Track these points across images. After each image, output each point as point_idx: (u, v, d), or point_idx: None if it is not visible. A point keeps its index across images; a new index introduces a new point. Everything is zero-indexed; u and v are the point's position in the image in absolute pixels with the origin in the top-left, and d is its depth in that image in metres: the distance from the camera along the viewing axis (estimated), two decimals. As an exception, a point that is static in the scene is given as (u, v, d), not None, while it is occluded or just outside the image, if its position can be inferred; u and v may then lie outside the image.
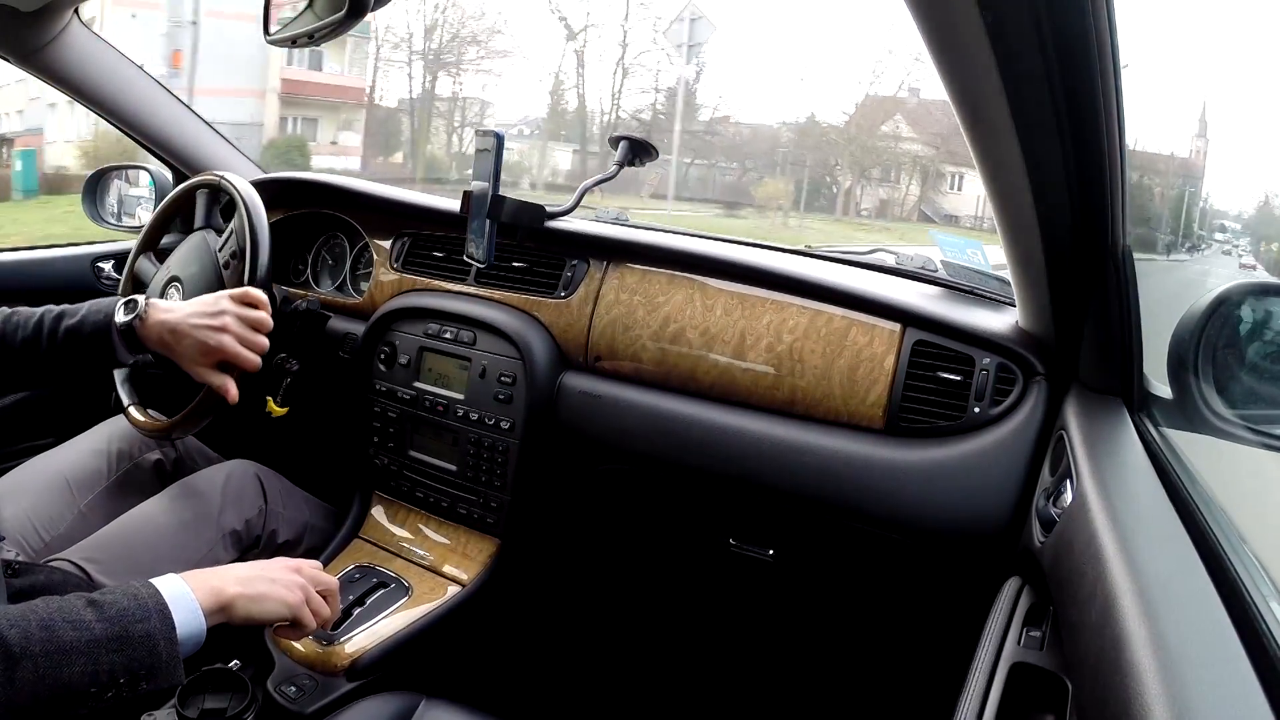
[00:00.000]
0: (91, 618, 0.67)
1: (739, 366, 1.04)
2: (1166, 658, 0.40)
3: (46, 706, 0.64)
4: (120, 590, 0.71)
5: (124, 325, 0.97)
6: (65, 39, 1.27)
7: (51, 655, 0.64)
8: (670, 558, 1.29)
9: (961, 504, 0.91)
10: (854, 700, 1.27)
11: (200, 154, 1.50)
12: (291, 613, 0.83)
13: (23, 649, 0.63)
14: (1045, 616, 0.64)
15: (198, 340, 0.95)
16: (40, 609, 0.66)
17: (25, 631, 0.64)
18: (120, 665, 0.67)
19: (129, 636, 0.68)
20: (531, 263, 1.20)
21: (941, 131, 14.52)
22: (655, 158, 1.24)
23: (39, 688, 0.63)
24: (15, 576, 0.90)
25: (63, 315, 0.98)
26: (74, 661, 0.65)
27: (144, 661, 0.69)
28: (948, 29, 0.51)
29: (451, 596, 1.13)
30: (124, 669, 0.67)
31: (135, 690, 0.69)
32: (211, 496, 1.09)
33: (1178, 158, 27.70)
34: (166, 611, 0.72)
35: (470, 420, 1.16)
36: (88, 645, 0.66)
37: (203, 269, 1.17)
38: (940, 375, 0.95)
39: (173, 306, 0.99)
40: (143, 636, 0.69)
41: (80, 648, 0.65)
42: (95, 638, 0.67)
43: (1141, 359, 0.79)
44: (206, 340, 0.95)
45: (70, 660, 0.65)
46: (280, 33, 0.86)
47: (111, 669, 0.67)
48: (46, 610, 0.66)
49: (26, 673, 0.63)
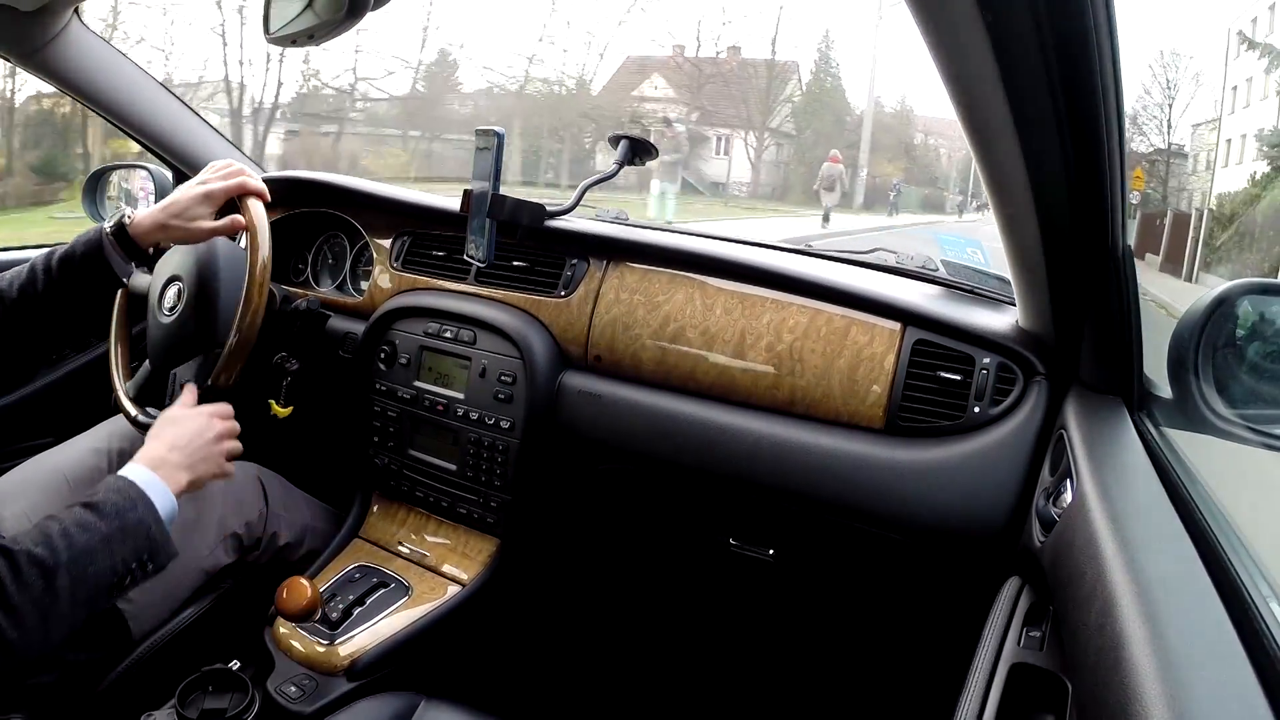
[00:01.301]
0: (94, 519, 0.76)
1: (739, 366, 1.04)
2: (1166, 658, 0.40)
3: (84, 606, 0.74)
4: (104, 488, 0.81)
5: (115, 228, 1.00)
6: (65, 38, 1.27)
7: (78, 560, 0.73)
8: (670, 557, 1.29)
9: (961, 504, 0.91)
10: (854, 700, 1.28)
11: (200, 153, 1.50)
12: (229, 466, 0.96)
13: (55, 560, 0.72)
14: (1045, 616, 0.64)
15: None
16: (51, 524, 0.74)
17: (51, 545, 0.72)
18: (130, 553, 0.78)
19: (127, 526, 0.78)
20: (532, 262, 1.20)
21: (706, 89, 13.82)
22: (655, 156, 1.24)
23: (76, 591, 0.72)
24: None
25: (53, 252, 1.01)
26: (96, 560, 0.75)
27: (145, 546, 0.79)
28: (948, 29, 0.51)
29: (451, 596, 1.13)
30: (133, 555, 0.78)
31: (145, 572, 0.80)
32: (212, 499, 1.09)
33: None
34: (147, 498, 0.82)
35: (470, 420, 1.16)
36: (102, 543, 0.75)
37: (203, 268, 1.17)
38: (940, 375, 0.95)
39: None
40: (137, 524, 0.79)
41: (97, 546, 0.75)
42: (105, 534, 0.76)
43: (1141, 358, 0.79)
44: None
45: (93, 559, 0.74)
46: (280, 32, 0.86)
47: (124, 558, 0.77)
48: (58, 524, 0.75)
49: (64, 580, 0.72)
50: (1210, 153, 15.62)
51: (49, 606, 0.71)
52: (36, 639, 0.71)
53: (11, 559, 0.70)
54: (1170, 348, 0.73)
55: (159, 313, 1.12)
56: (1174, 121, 17.67)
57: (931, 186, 25.30)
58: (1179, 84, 17.93)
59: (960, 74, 0.55)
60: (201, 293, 1.07)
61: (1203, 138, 16.50)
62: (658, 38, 21.31)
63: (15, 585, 0.69)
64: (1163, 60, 17.55)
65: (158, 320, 1.12)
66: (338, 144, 13.13)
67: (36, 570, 0.70)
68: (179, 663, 0.98)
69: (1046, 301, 0.83)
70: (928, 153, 26.58)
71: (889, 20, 18.93)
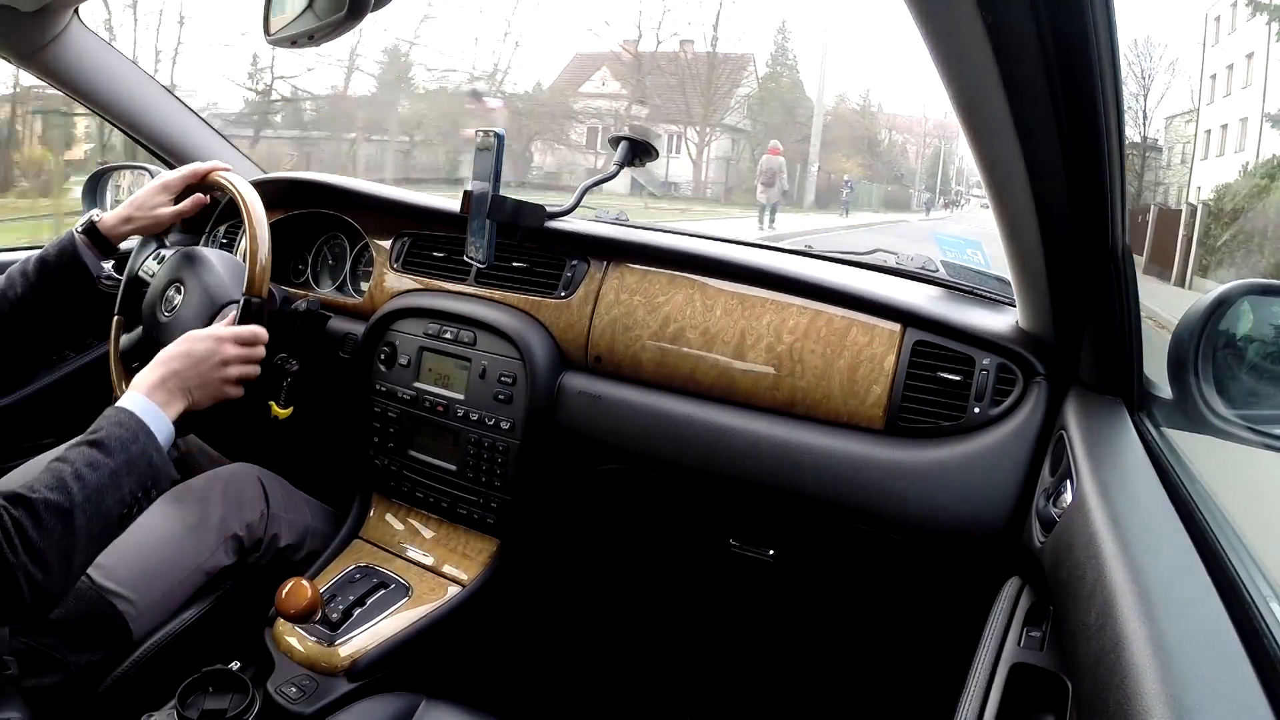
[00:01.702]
0: (102, 457, 0.80)
1: (739, 367, 1.04)
2: (1166, 658, 0.40)
3: (99, 540, 0.80)
4: (106, 422, 0.84)
5: (85, 226, 1.09)
6: (65, 39, 1.27)
7: (91, 499, 0.78)
8: (670, 558, 1.29)
9: (961, 504, 0.91)
10: (855, 700, 1.28)
11: (200, 154, 1.50)
12: (234, 389, 0.97)
13: (70, 503, 0.76)
14: (1045, 617, 0.64)
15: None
16: (62, 467, 0.79)
17: (65, 489, 0.77)
18: (136, 484, 0.82)
19: (132, 459, 0.82)
20: (531, 263, 1.20)
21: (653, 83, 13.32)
22: (655, 157, 1.24)
23: (92, 527, 0.78)
24: None
25: (29, 259, 1.08)
26: (107, 496, 0.79)
27: (149, 475, 0.84)
28: (947, 29, 0.51)
29: (451, 597, 1.13)
30: (139, 486, 0.83)
31: (149, 499, 0.85)
32: (213, 500, 1.09)
33: (931, 119, 27.37)
34: (147, 427, 0.85)
35: (470, 420, 1.16)
36: (111, 479, 0.80)
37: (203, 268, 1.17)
38: (940, 375, 0.95)
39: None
40: (140, 454, 0.83)
41: (106, 483, 0.80)
42: (114, 469, 0.80)
43: (1141, 359, 0.79)
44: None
45: (104, 496, 0.79)
46: (280, 33, 0.86)
47: (131, 490, 0.82)
48: (69, 466, 0.79)
49: (80, 520, 0.77)
50: (1187, 145, 15.40)
51: (70, 547, 0.76)
52: (61, 578, 0.76)
53: (31, 507, 0.75)
54: (1170, 348, 0.73)
55: (160, 312, 1.12)
56: (1150, 113, 17.54)
57: (896, 183, 25.00)
58: (1154, 74, 17.76)
59: (960, 75, 0.55)
60: (201, 293, 1.07)
61: (1179, 130, 16.31)
62: (603, 32, 20.66)
63: (38, 532, 0.74)
64: (1137, 49, 17.33)
65: (158, 320, 1.12)
66: (254, 147, 12.18)
67: (55, 515, 0.75)
68: (179, 663, 0.98)
69: (1046, 302, 0.83)
70: (892, 149, 26.24)
71: (847, 11, 18.28)
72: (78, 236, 1.09)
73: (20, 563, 0.73)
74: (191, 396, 0.92)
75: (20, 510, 0.74)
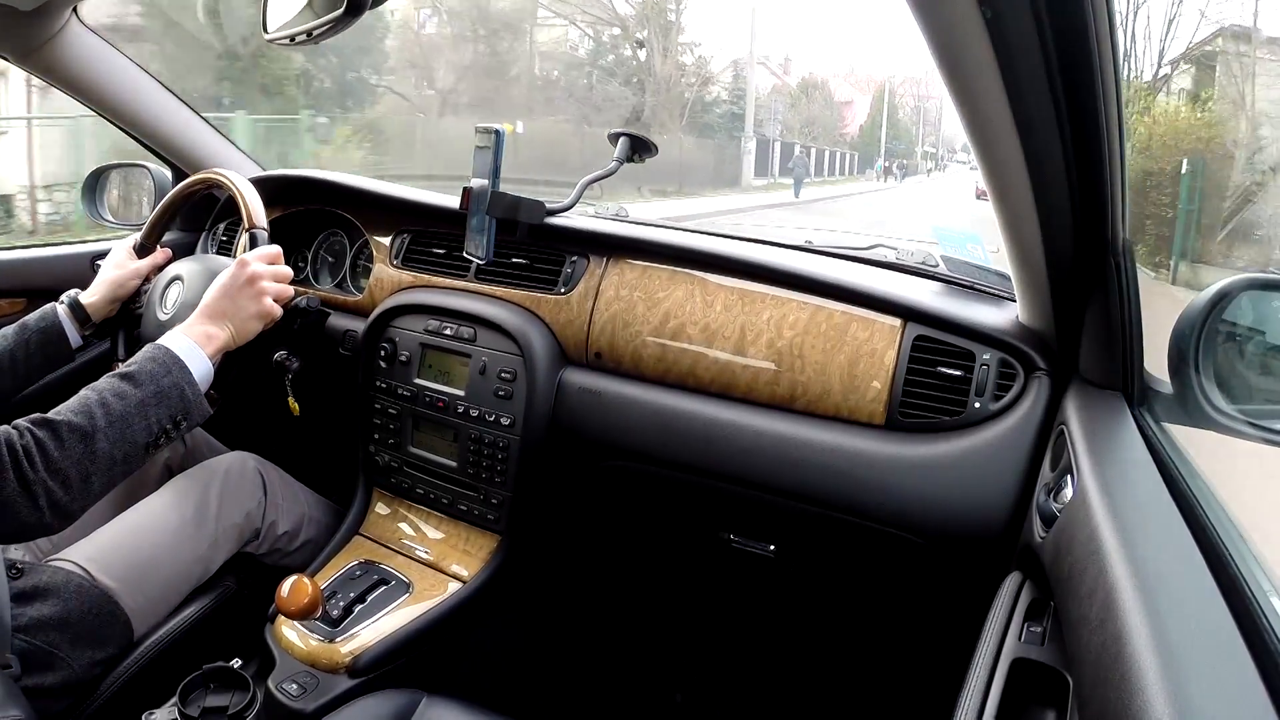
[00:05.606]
0: (129, 387, 0.86)
1: (739, 362, 1.04)
2: (1167, 653, 0.40)
3: (122, 465, 0.84)
4: (141, 357, 0.90)
5: (72, 300, 1.16)
6: (64, 38, 1.27)
7: (115, 424, 0.83)
8: (671, 554, 1.29)
9: (962, 499, 0.91)
10: (856, 695, 1.28)
11: (199, 152, 1.50)
12: (271, 317, 1.02)
13: (93, 426, 0.82)
14: (1046, 612, 0.64)
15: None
16: (90, 395, 0.84)
17: (90, 414, 0.82)
18: (165, 415, 0.87)
19: (162, 390, 0.88)
20: (531, 259, 1.20)
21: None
22: (655, 153, 1.23)
23: (114, 451, 0.83)
24: (18, 578, 0.91)
25: (24, 326, 1.14)
26: (132, 423, 0.85)
27: (179, 407, 0.89)
28: (947, 27, 0.51)
29: (452, 593, 1.13)
30: (168, 417, 0.88)
31: (179, 429, 0.89)
32: (211, 490, 1.09)
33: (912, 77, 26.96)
34: (181, 361, 0.91)
35: (471, 416, 1.16)
36: (137, 408, 0.85)
37: (199, 260, 1.17)
38: (941, 370, 0.95)
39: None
40: (171, 387, 0.88)
41: (132, 411, 0.85)
42: (141, 399, 0.86)
43: (1142, 353, 0.79)
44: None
45: (129, 423, 0.84)
46: (279, 31, 0.86)
47: (160, 419, 0.87)
48: (96, 394, 0.84)
49: (102, 444, 0.82)
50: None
51: (90, 469, 0.81)
52: (80, 497, 0.81)
53: (54, 429, 0.80)
54: (1171, 342, 0.73)
55: (159, 311, 1.12)
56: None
57: (848, 147, 24.53)
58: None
59: (960, 73, 0.55)
60: (204, 274, 1.09)
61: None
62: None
63: (60, 452, 0.79)
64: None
65: (157, 319, 1.12)
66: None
67: (76, 436, 0.81)
68: (180, 661, 0.98)
69: (1047, 297, 0.83)
70: (832, 110, 25.77)
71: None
72: (60, 308, 1.15)
73: (40, 478, 0.78)
74: (230, 328, 0.97)
75: (45, 431, 0.79)
